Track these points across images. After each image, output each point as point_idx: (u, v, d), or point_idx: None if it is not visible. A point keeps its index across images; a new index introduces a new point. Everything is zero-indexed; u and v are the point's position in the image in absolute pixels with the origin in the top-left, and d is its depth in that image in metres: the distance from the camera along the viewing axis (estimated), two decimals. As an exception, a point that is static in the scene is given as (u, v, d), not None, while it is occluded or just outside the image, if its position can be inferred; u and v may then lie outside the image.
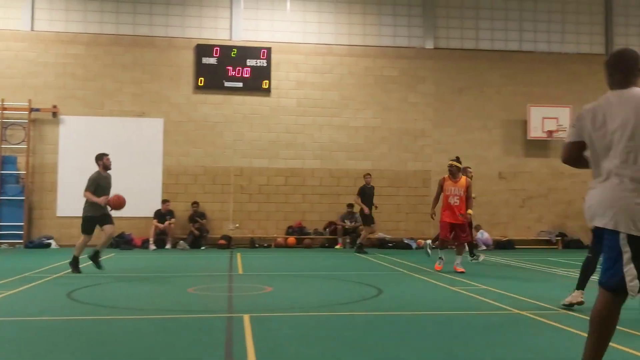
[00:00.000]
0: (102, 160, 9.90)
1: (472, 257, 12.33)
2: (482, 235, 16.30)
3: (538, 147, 17.34)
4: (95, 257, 9.59)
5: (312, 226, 16.75)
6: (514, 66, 17.57)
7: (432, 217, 10.93)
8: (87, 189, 9.62)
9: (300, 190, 16.78)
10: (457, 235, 10.29)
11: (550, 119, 16.90)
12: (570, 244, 16.88)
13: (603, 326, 3.55)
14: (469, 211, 10.27)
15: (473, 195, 12.73)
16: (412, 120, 17.24)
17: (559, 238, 17.00)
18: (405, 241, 16.32)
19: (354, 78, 17.19)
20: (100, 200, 9.48)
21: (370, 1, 17.40)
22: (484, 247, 16.29)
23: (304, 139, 16.91)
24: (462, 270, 10.06)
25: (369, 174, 15.11)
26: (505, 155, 17.39)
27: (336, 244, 16.40)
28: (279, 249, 15.96)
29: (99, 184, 9.65)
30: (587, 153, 3.69)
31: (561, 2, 17.91)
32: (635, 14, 18.05)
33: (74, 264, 9.67)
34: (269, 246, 16.38)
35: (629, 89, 3.54)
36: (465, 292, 7.93)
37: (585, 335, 5.33)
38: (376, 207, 14.79)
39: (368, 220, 14.52)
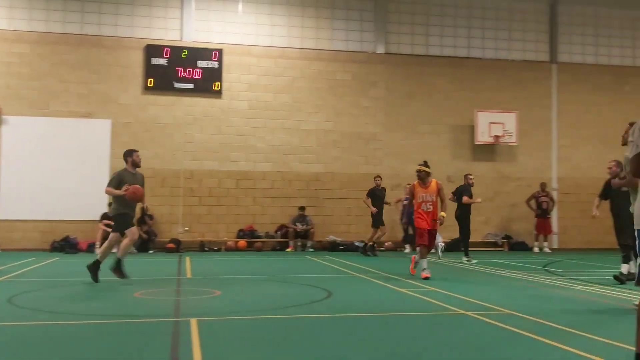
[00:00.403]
0: (131, 156, 9.32)
1: (467, 257, 13.16)
2: (437, 238, 16.53)
3: (485, 152, 17.74)
4: (118, 268, 8.98)
5: (264, 229, 16.69)
6: (463, 72, 17.95)
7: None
8: (109, 185, 9.06)
9: (252, 193, 16.70)
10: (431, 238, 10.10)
11: (496, 124, 17.32)
12: (515, 246, 17.33)
13: None
14: (442, 213, 9.94)
15: (479, 199, 13.05)
16: (364, 124, 17.40)
17: (505, 240, 17.43)
18: (356, 244, 16.42)
19: (307, 81, 17.23)
20: (122, 191, 8.89)
21: (323, 5, 17.49)
22: (433, 250, 16.54)
23: (255, 141, 16.84)
24: (428, 275, 9.62)
25: (379, 176, 15.38)
26: (454, 160, 17.73)
27: (287, 247, 16.38)
28: (229, 253, 15.83)
29: (122, 181, 9.04)
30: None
31: (508, 11, 18.40)
32: (578, 23, 18.69)
33: (95, 269, 8.89)
34: (219, 250, 16.23)
35: None
36: (412, 294, 8.04)
37: (527, 334, 5.51)
38: (389, 204, 15.46)
39: (377, 221, 14.71)
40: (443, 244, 14.05)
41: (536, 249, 17.07)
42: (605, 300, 7.69)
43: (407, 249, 16.12)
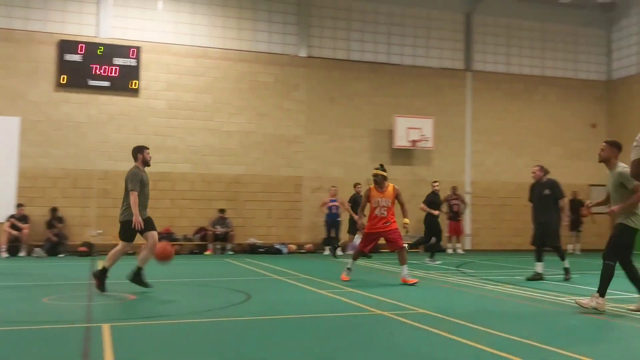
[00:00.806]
0: (142, 154, 8.35)
1: (431, 258, 13.50)
2: (357, 240, 16.77)
3: (403, 156, 18.17)
4: (139, 277, 8.15)
5: (182, 232, 16.36)
6: (382, 78, 18.31)
7: (359, 230, 10.36)
8: (134, 189, 7.98)
9: (170, 195, 16.33)
10: (389, 244, 9.63)
11: (414, 129, 17.79)
12: (431, 247, 17.76)
13: None
14: (405, 221, 9.48)
15: (436, 212, 13.22)
16: (286, 126, 17.41)
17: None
18: (277, 247, 16.40)
19: (229, 82, 17.06)
20: (135, 215, 7.93)
21: (245, 6, 17.37)
22: (351, 251, 16.78)
23: (174, 142, 16.49)
24: (413, 280, 9.29)
25: (359, 184, 15.49)
26: (373, 163, 17.92)
27: (206, 250, 16.13)
28: (146, 256, 15.38)
29: (142, 181, 8.16)
30: None
31: (426, 19, 18.94)
32: (492, 34, 19.49)
33: (101, 276, 8.08)
34: (134, 253, 15.70)
35: None
36: (330, 295, 8.11)
37: (441, 332, 5.66)
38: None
39: (355, 229, 14.53)
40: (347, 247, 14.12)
41: (450, 251, 17.63)
42: (514, 299, 8.04)
43: (327, 251, 16.25)
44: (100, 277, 8.08)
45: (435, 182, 14.96)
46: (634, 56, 19.40)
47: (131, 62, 16.09)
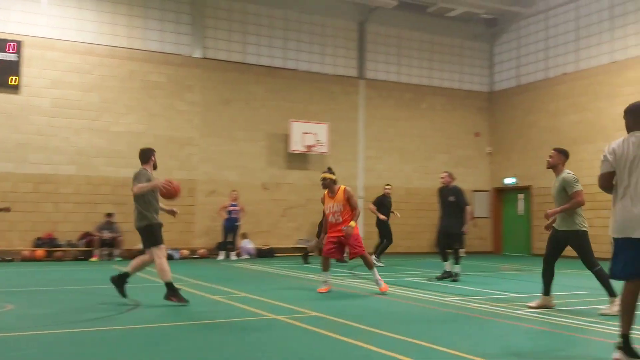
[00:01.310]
0: (153, 156, 8.11)
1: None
2: (248, 244, 16.68)
3: (298, 160, 18.29)
4: (174, 291, 7.49)
5: (65, 237, 15.50)
6: (278, 82, 18.35)
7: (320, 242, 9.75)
8: (137, 181, 7.60)
9: (52, 199, 15.43)
10: (350, 250, 9.16)
11: (309, 134, 17.96)
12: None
13: None
14: (351, 223, 8.85)
15: (380, 216, 12.93)
16: (179, 128, 16.99)
17: (317, 246, 18.07)
18: (168, 252, 15.93)
19: (118, 81, 16.40)
20: (156, 183, 7.66)
21: (136, 3, 16.79)
22: (247, 256, 16.67)
23: (58, 142, 15.61)
24: (384, 288, 8.85)
25: (389, 185, 15.30)
26: (269, 167, 18.03)
27: (92, 256, 15.37)
28: (25, 263, 14.43)
29: (149, 180, 7.77)
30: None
31: (321, 26, 19.21)
32: (383, 43, 20.09)
33: (172, 291, 7.49)
34: (11, 260, 14.73)
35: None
36: (225, 301, 7.98)
37: (332, 334, 5.71)
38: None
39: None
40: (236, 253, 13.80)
41: (345, 255, 17.93)
42: (404, 301, 8.30)
43: (222, 256, 16.02)
44: (174, 290, 7.56)
45: (387, 185, 15.12)
46: (513, 69, 20.72)
47: (10, 56, 15.07)
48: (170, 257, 15.54)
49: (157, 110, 16.77)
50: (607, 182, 4.77)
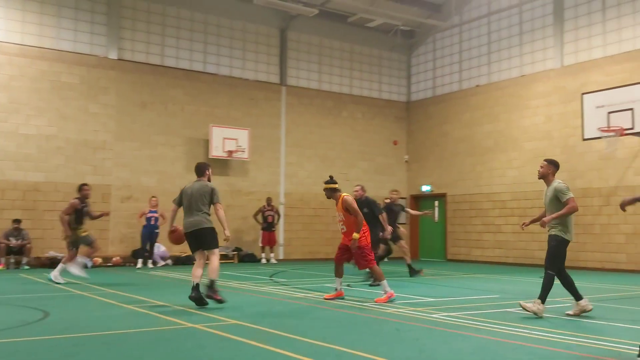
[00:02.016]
0: (208, 170, 8.65)
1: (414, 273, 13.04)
2: (159, 248, 16.24)
3: (219, 166, 18.03)
4: (213, 290, 8.02)
5: (-32, 245, 14.56)
6: (198, 86, 18.07)
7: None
8: (217, 201, 8.34)
9: (-47, 204, 14.47)
10: (356, 262, 9.01)
11: (230, 140, 17.77)
12: (244, 257, 17.90)
13: None
14: (355, 235, 8.58)
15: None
16: (92, 131, 16.38)
17: (235, 252, 17.89)
18: (79, 259, 15.27)
19: (27, 81, 15.62)
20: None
21: (49, 1, 16.08)
22: (162, 262, 16.26)
23: (-40, 144, 14.67)
24: (384, 299, 8.59)
25: (395, 190, 14.20)
26: (188, 172, 17.64)
27: (-3, 265, 14.53)
28: None
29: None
30: None
31: (242, 32, 19.09)
32: (305, 51, 20.21)
33: (214, 289, 8.00)
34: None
35: None
36: (140, 310, 7.74)
37: (250, 342, 5.66)
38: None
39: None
40: (88, 262, 12.86)
41: (264, 260, 17.87)
42: (324, 306, 8.33)
43: (139, 264, 15.55)
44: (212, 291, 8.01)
45: (394, 190, 14.26)
46: (430, 80, 21.37)
47: None
48: (83, 266, 14.94)
49: (69, 113, 16.11)
50: None
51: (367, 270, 10.75)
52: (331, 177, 9.25)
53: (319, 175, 19.79)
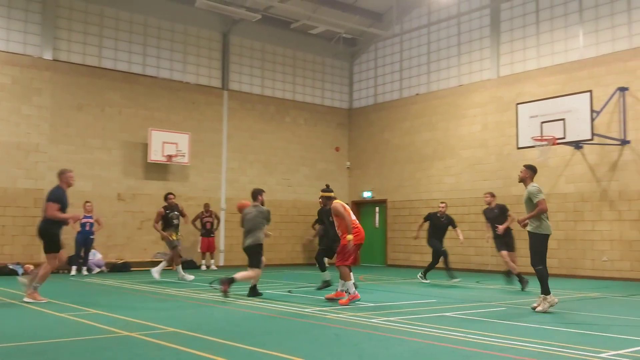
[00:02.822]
0: (260, 195, 10.63)
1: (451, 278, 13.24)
2: (95, 256, 15.79)
3: (158, 171, 17.71)
4: (255, 292, 10.13)
5: None
6: (137, 89, 17.68)
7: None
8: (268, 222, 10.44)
9: None
10: (336, 255, 9.63)
11: (170, 144, 17.46)
12: (184, 264, 17.51)
13: None
14: (348, 237, 9.20)
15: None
16: (25, 133, 15.77)
17: (174, 259, 17.53)
18: (11, 267, 14.67)
19: (-46, 80, 14.91)
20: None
21: (-22, -3, 15.43)
22: (97, 269, 15.81)
23: None
24: (344, 301, 9.04)
25: (443, 202, 13.98)
26: (125, 177, 17.27)
27: None
28: None
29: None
30: None
31: (183, 34, 18.83)
32: (248, 56, 20.12)
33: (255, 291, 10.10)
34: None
35: None
36: (73, 318, 7.48)
37: (188, 350, 5.56)
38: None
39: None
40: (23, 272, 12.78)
41: (203, 267, 17.62)
42: (263, 313, 8.28)
43: (73, 271, 15.04)
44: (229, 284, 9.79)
45: (442, 202, 14.04)
46: (372, 88, 21.65)
47: None
48: (13, 273, 14.38)
49: (0, 115, 15.46)
50: None
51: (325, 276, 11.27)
52: (327, 185, 10.40)
53: (261, 180, 19.71)
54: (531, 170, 8.85)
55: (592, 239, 15.09)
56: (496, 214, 12.06)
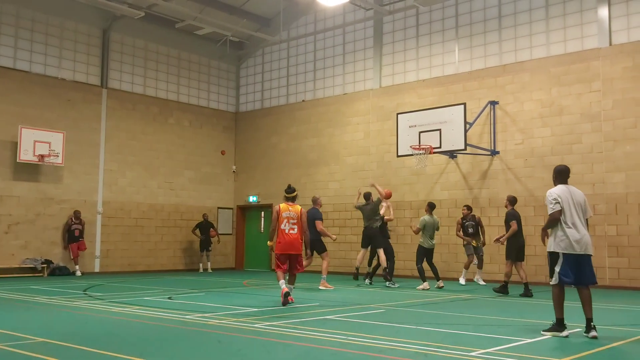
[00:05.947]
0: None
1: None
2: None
3: (28, 171, 16.57)
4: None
5: None
6: (7, 84, 16.46)
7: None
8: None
9: None
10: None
11: (42, 143, 16.39)
12: (56, 270, 16.58)
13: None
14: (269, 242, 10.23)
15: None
16: None
17: (45, 265, 16.51)
18: None
19: None
20: None
21: None
22: None
23: None
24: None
25: (466, 206, 14.48)
26: (-9, 178, 16.01)
27: None
28: None
29: None
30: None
31: (60, 28, 17.78)
32: (130, 54, 19.36)
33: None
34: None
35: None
36: None
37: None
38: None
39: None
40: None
41: (78, 273, 16.74)
42: (142, 321, 7.98)
43: None
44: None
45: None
46: (259, 92, 21.62)
47: None
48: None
49: None
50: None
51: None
52: (289, 185, 10.92)
53: (142, 184, 19.06)
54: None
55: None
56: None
